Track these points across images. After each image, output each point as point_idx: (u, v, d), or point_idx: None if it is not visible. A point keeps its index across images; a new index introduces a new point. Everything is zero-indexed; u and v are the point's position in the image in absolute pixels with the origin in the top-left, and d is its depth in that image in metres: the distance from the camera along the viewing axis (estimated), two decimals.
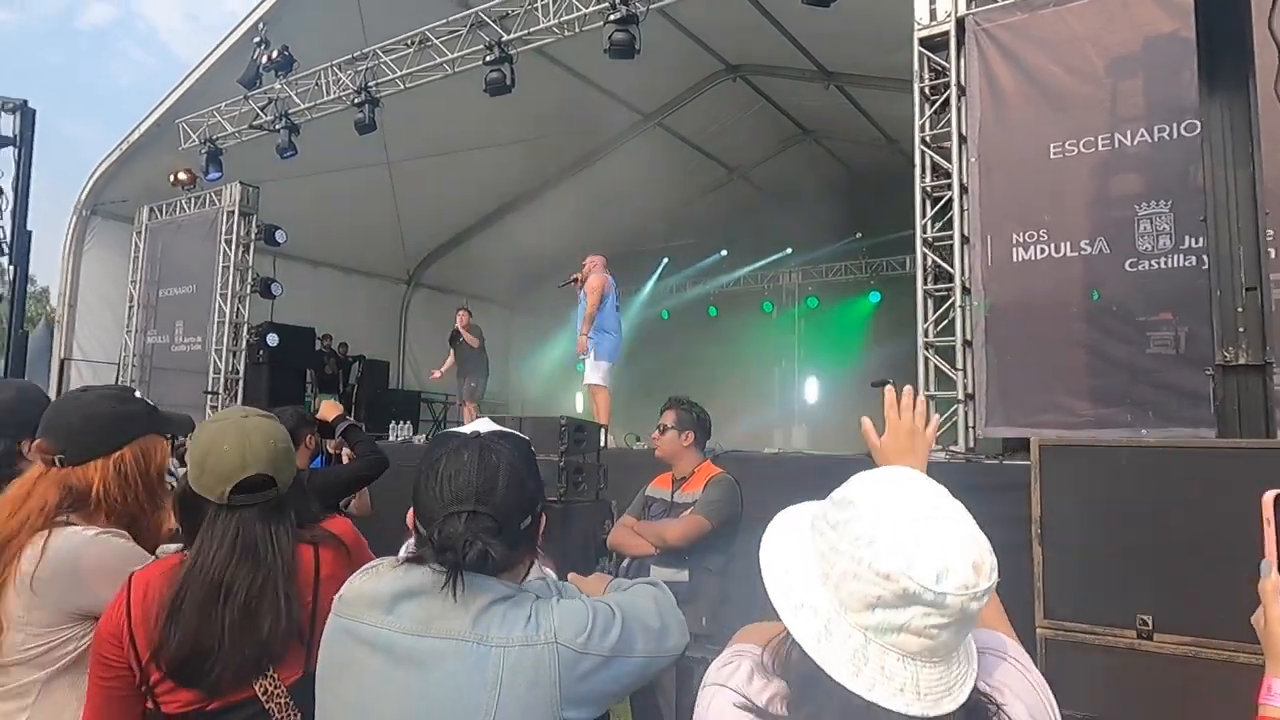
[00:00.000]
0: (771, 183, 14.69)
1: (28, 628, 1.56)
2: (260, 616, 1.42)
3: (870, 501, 0.88)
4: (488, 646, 1.15)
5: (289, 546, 1.49)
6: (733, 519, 3.17)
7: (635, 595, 1.32)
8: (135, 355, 11.12)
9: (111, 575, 1.56)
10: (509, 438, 1.30)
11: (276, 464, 1.53)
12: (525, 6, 7.18)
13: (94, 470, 1.67)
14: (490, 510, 1.19)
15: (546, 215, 14.27)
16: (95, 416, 1.71)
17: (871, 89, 11.27)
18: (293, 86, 8.88)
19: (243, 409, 1.64)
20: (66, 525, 1.62)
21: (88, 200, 11.46)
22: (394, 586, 1.22)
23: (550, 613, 1.20)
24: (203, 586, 1.42)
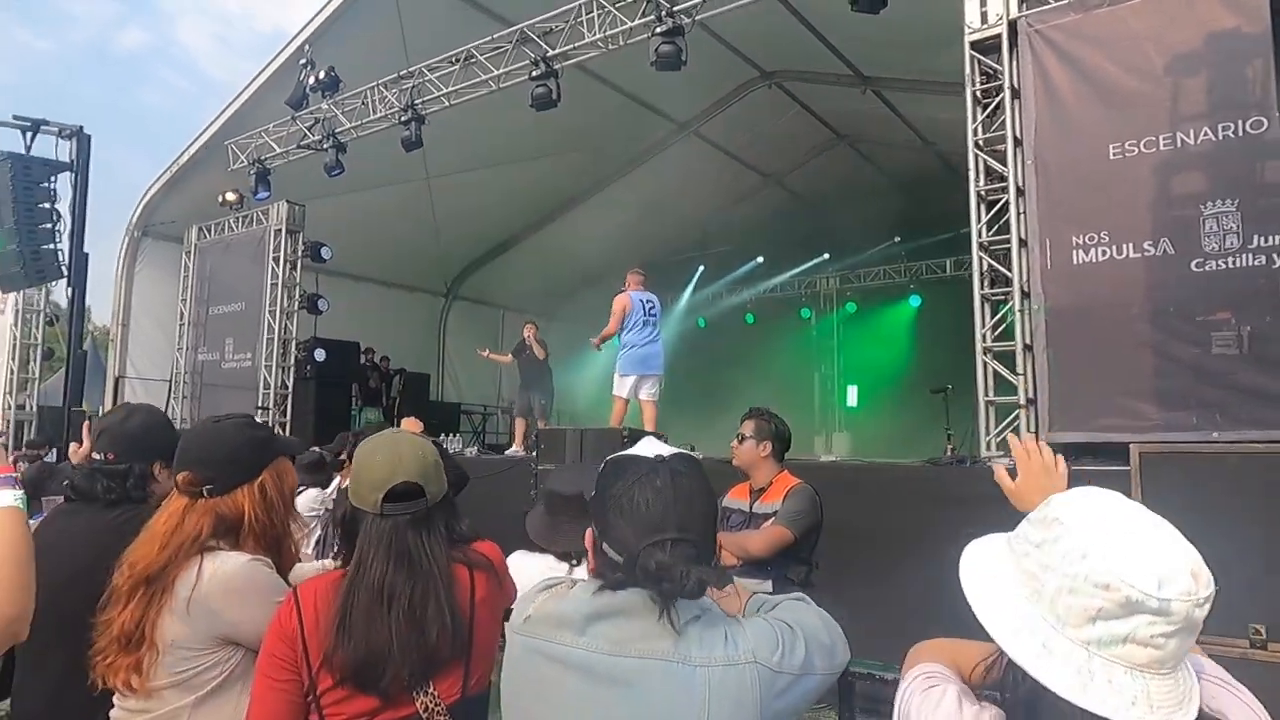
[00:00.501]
0: (807, 188, 14.66)
1: (179, 650, 1.61)
2: (427, 623, 1.46)
3: (1076, 517, 0.89)
4: (692, 666, 1.16)
5: (443, 557, 1.53)
6: (814, 529, 3.17)
7: (802, 613, 1.34)
8: (186, 372, 11.34)
9: (261, 600, 1.62)
10: (691, 461, 1.32)
11: (426, 474, 1.57)
12: (569, 22, 7.26)
13: (242, 497, 1.72)
14: (692, 537, 1.22)
15: (582, 226, 14.38)
16: (237, 445, 1.76)
17: (909, 92, 11.21)
18: (339, 106, 9.03)
19: (393, 429, 1.69)
20: (218, 550, 1.67)
21: (139, 222, 11.75)
22: (585, 608, 1.24)
23: (744, 632, 1.22)
24: (367, 593, 1.47)
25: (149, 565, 1.63)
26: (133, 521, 1.86)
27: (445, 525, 1.59)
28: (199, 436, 1.80)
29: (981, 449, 5.40)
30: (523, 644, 1.29)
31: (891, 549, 4.30)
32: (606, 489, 1.28)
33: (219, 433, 1.79)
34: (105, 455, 1.94)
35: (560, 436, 5.38)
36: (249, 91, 10.33)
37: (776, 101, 12.40)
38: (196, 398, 11.16)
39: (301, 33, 9.54)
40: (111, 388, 11.67)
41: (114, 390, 11.62)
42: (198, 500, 1.70)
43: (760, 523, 3.18)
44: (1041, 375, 5.24)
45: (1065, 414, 5.23)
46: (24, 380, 12.60)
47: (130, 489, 1.93)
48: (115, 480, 1.92)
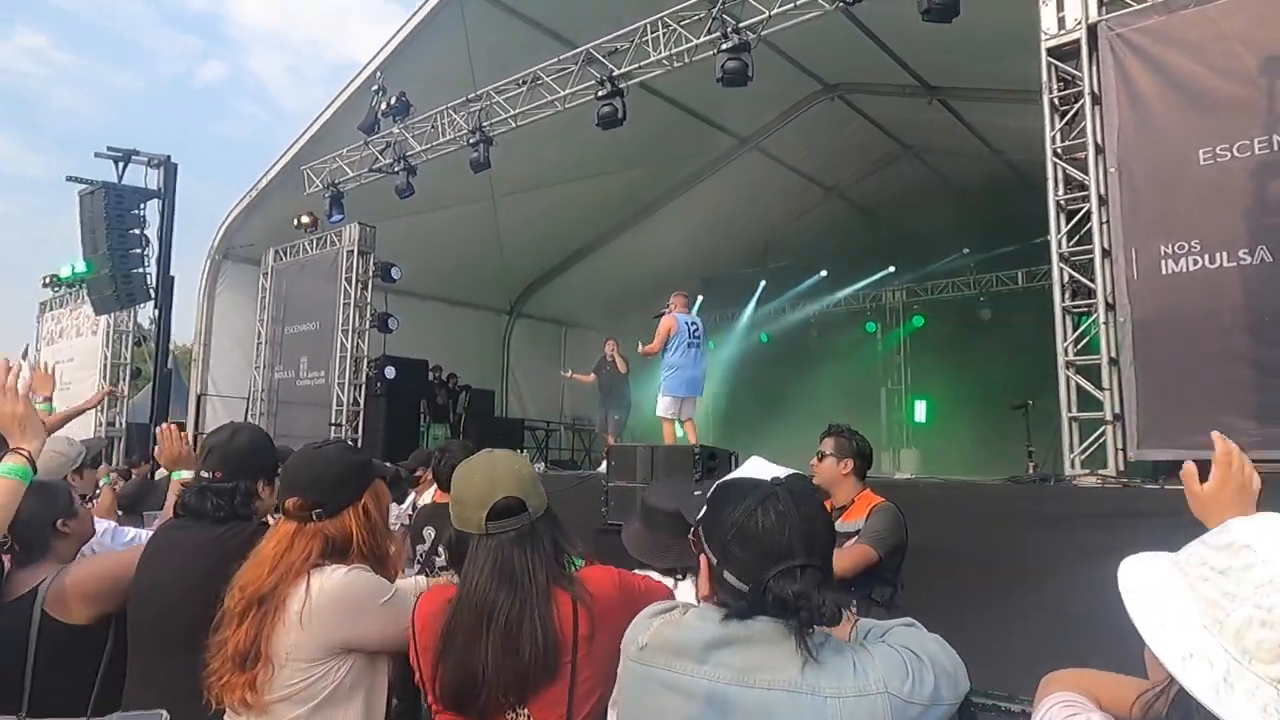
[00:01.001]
0: (871, 201, 14.47)
1: (294, 663, 1.66)
2: (521, 641, 1.47)
3: (1272, 545, 0.84)
4: (822, 697, 1.14)
5: (543, 575, 1.53)
6: (899, 548, 3.09)
7: (924, 640, 1.29)
8: (264, 390, 11.72)
9: (367, 605, 1.67)
10: (807, 482, 1.30)
11: (524, 488, 1.59)
12: (634, 41, 7.33)
13: (349, 519, 1.77)
14: (818, 562, 1.20)
15: (644, 242, 14.44)
16: (342, 470, 1.82)
17: (977, 101, 10.99)
18: (409, 130, 9.28)
19: (490, 450, 1.71)
20: (324, 566, 1.72)
21: (219, 245, 12.25)
22: (705, 635, 1.22)
23: (872, 661, 1.19)
24: (470, 613, 1.50)
25: (259, 587, 1.68)
26: (238, 538, 1.92)
27: (552, 541, 1.60)
28: (305, 462, 1.85)
29: (1066, 466, 5.21)
30: (639, 672, 1.28)
31: (977, 570, 4.16)
32: (722, 514, 1.25)
33: (324, 458, 1.84)
34: (213, 473, 2.01)
35: (631, 453, 5.38)
36: (324, 118, 10.70)
37: (839, 114, 12.29)
38: (273, 415, 11.52)
39: (373, 60, 9.86)
40: (194, 405, 12.14)
41: (196, 408, 12.09)
42: (306, 524, 1.75)
43: (843, 541, 3.11)
44: (1129, 390, 5.03)
45: (1155, 430, 5.01)
46: (113, 398, 13.20)
47: (237, 506, 2.00)
48: (223, 498, 1.99)
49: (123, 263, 9.99)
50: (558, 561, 1.59)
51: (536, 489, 1.63)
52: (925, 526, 3.88)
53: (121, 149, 9.97)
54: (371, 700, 1.71)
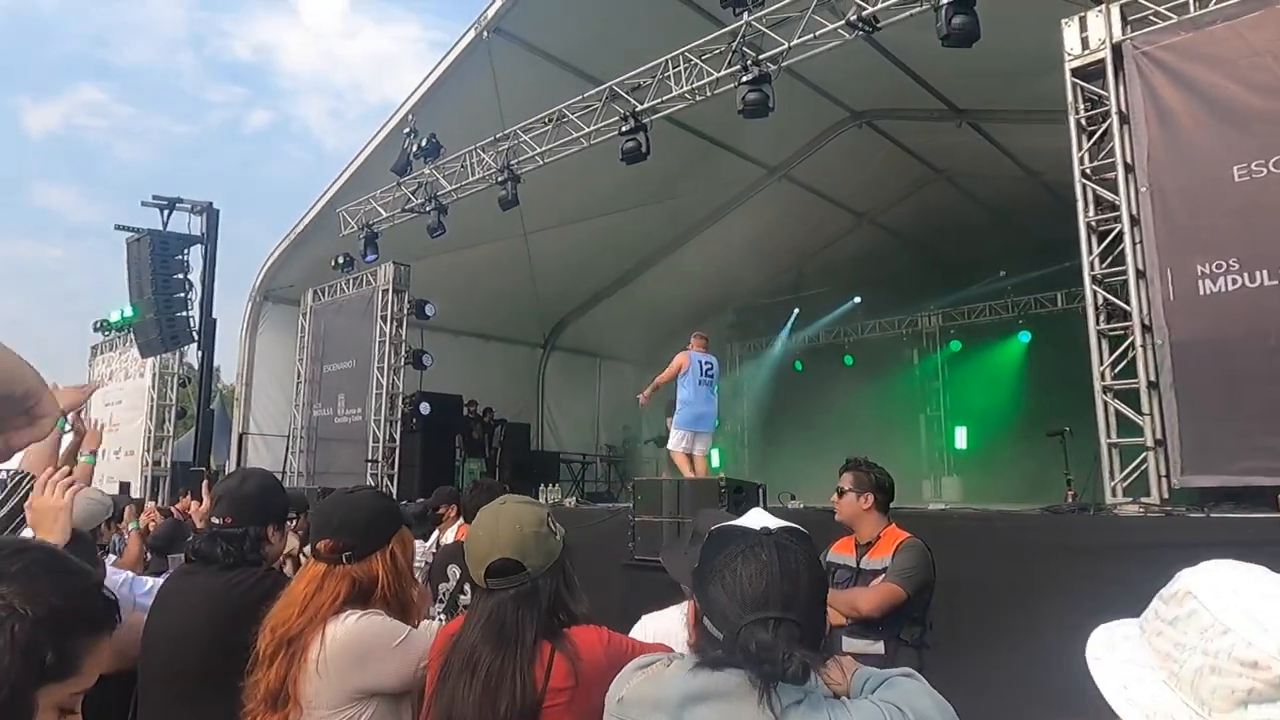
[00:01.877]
0: (903, 226, 14.34)
1: (317, 710, 1.68)
2: (499, 695, 1.46)
3: (1209, 589, 0.80)
4: None
5: (532, 634, 1.52)
6: (927, 586, 3.00)
7: (915, 694, 1.25)
8: (303, 428, 11.93)
9: (380, 650, 1.68)
10: (800, 535, 1.26)
11: (523, 549, 1.58)
12: (657, 76, 7.41)
13: (376, 564, 1.79)
14: (796, 617, 1.16)
15: (676, 273, 14.49)
16: (373, 515, 1.85)
17: (1008, 123, 10.88)
18: (440, 170, 9.47)
19: (506, 496, 1.72)
20: (342, 613, 1.74)
21: (260, 287, 12.56)
22: (680, 690, 1.19)
23: (850, 717, 1.14)
24: (459, 661, 1.52)
25: (289, 628, 1.71)
26: (245, 584, 1.94)
27: (551, 599, 1.59)
28: (336, 506, 1.88)
29: (1106, 495, 5.04)
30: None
31: (1012, 604, 4.03)
32: (709, 560, 1.23)
33: (356, 503, 1.88)
34: (224, 519, 2.04)
35: (657, 488, 5.34)
36: (358, 161, 10.97)
37: (868, 140, 12.26)
38: (312, 452, 11.70)
39: (404, 105, 10.10)
40: (236, 444, 12.39)
41: (238, 446, 12.33)
42: (336, 567, 1.77)
43: (869, 579, 3.04)
44: (1170, 414, 4.87)
45: (1199, 456, 4.84)
46: (159, 439, 13.55)
47: (246, 552, 2.02)
48: (233, 544, 2.01)
49: (167, 307, 10.31)
50: (555, 619, 1.58)
51: (538, 547, 1.61)
52: (958, 560, 3.77)
53: (167, 197, 10.35)
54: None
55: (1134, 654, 0.86)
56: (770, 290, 16.03)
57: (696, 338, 7.86)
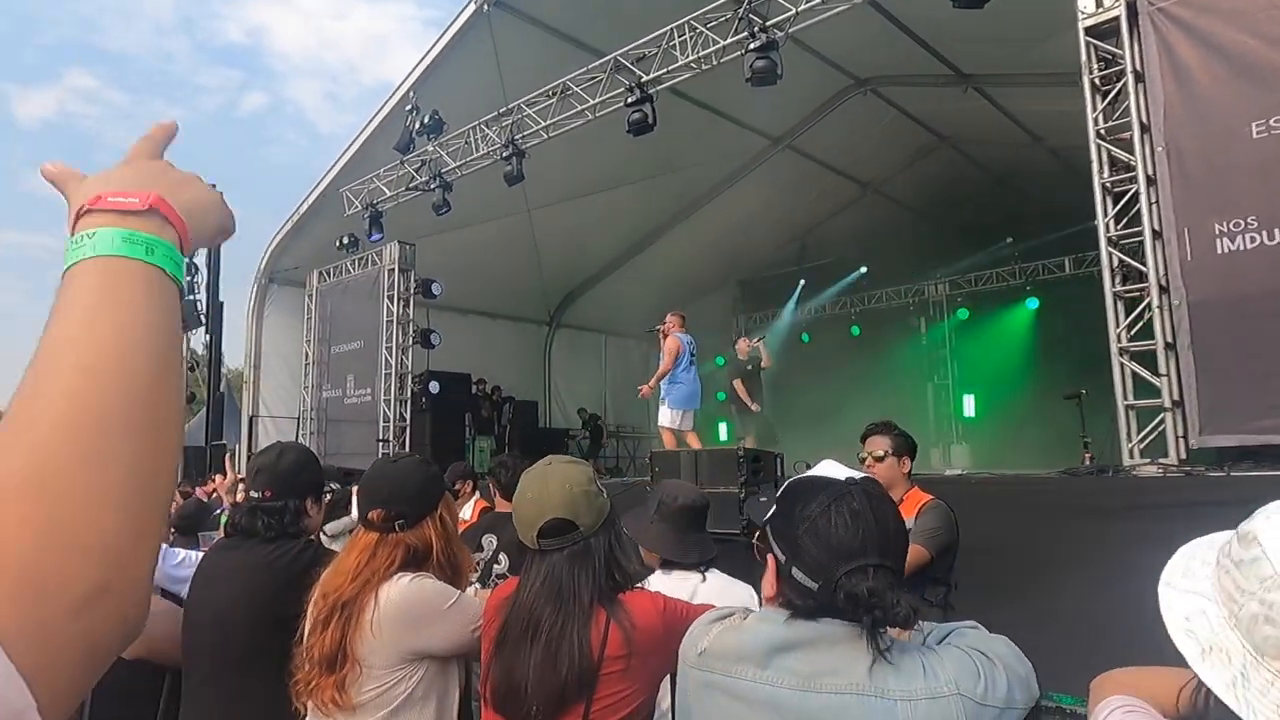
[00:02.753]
0: (909, 194, 14.25)
1: (371, 670, 1.69)
2: (560, 658, 1.47)
3: (1275, 540, 0.78)
4: (891, 700, 1.11)
5: (588, 595, 1.52)
6: (951, 547, 3.01)
7: (991, 642, 1.25)
8: (313, 409, 11.95)
9: (431, 612, 1.70)
10: (879, 485, 1.27)
11: (574, 508, 1.58)
12: (662, 46, 7.33)
13: (428, 529, 1.81)
14: (891, 563, 1.17)
15: (680, 247, 14.43)
16: (421, 481, 1.86)
17: (1014, 87, 10.76)
18: (444, 147, 9.40)
19: (550, 456, 1.72)
20: (393, 576, 1.75)
21: (265, 269, 12.52)
22: (768, 639, 1.20)
23: (942, 663, 1.15)
24: (518, 624, 1.53)
25: (341, 594, 1.73)
26: (287, 556, 1.95)
27: (605, 559, 1.59)
28: (384, 476, 1.89)
29: (1124, 456, 5.05)
30: (698, 678, 1.26)
31: (1033, 567, 4.04)
32: (795, 511, 1.22)
33: (402, 471, 1.89)
34: (263, 492, 2.04)
35: (674, 458, 5.35)
36: (360, 140, 10.88)
37: (872, 108, 12.14)
38: (322, 433, 11.73)
39: (406, 81, 10.00)
40: (246, 427, 12.41)
41: (249, 429, 12.36)
42: (389, 535, 1.78)
43: None
44: (1188, 375, 4.86)
45: (1217, 416, 4.83)
46: None
47: (287, 524, 2.03)
48: (273, 516, 2.02)
49: None
50: (611, 579, 1.58)
51: (590, 505, 1.61)
52: (978, 523, 3.79)
53: None
54: (444, 707, 1.74)
55: (1203, 585, 0.85)
56: (775, 262, 15.97)
57: (675, 317, 8.07)
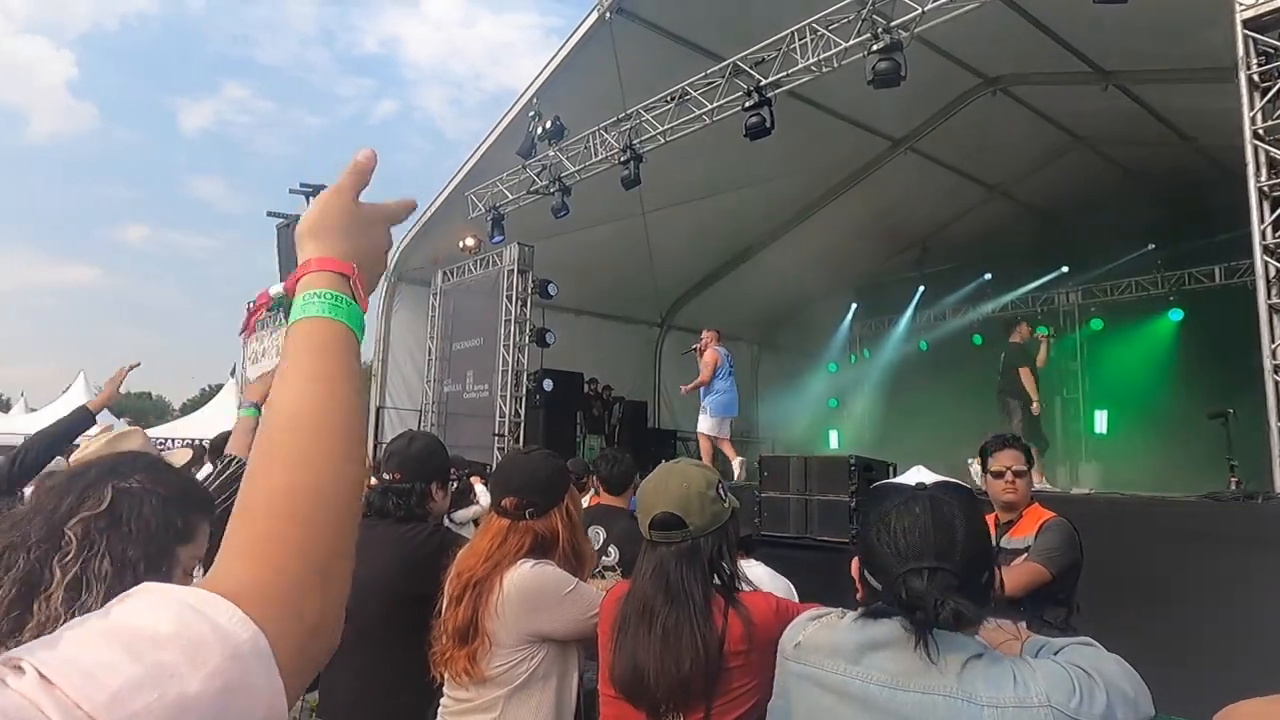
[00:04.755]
0: (1039, 197, 13.57)
1: (497, 649, 1.82)
2: (681, 651, 1.52)
3: None
4: (979, 705, 1.12)
5: (700, 593, 1.58)
6: (1074, 568, 2.89)
7: (1099, 659, 1.23)
8: (434, 403, 12.54)
9: (551, 597, 1.81)
10: (958, 489, 1.28)
11: (686, 506, 1.64)
12: (781, 49, 7.29)
13: (555, 519, 1.93)
14: (952, 567, 1.19)
15: (794, 251, 14.25)
16: (551, 473, 1.99)
17: (1161, 84, 10.08)
18: (564, 152, 9.67)
19: (680, 458, 1.81)
20: (519, 561, 1.87)
21: (394, 269, 13.21)
22: (857, 637, 1.24)
23: (1034, 674, 1.15)
24: (635, 610, 1.61)
25: (474, 573, 1.87)
26: (420, 537, 2.10)
27: (712, 560, 1.64)
28: (517, 466, 2.03)
29: (1276, 482, 4.66)
30: (794, 670, 1.31)
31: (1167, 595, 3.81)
32: (868, 515, 1.28)
33: (534, 462, 2.02)
34: (393, 475, 2.20)
35: (784, 464, 5.32)
36: (484, 146, 11.33)
37: (1001, 108, 11.62)
38: (442, 425, 12.28)
39: (529, 88, 10.34)
40: (374, 417, 13.13)
41: (375, 420, 13.07)
42: (519, 522, 1.91)
43: (1010, 559, 2.94)
44: None
45: None
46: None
47: (414, 506, 2.18)
48: (402, 498, 2.18)
49: None
50: (720, 579, 1.63)
51: (704, 508, 1.66)
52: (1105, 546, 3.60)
53: (312, 184, 10.92)
54: (563, 688, 1.85)
55: None
56: (893, 267, 15.54)
57: (711, 333, 8.82)
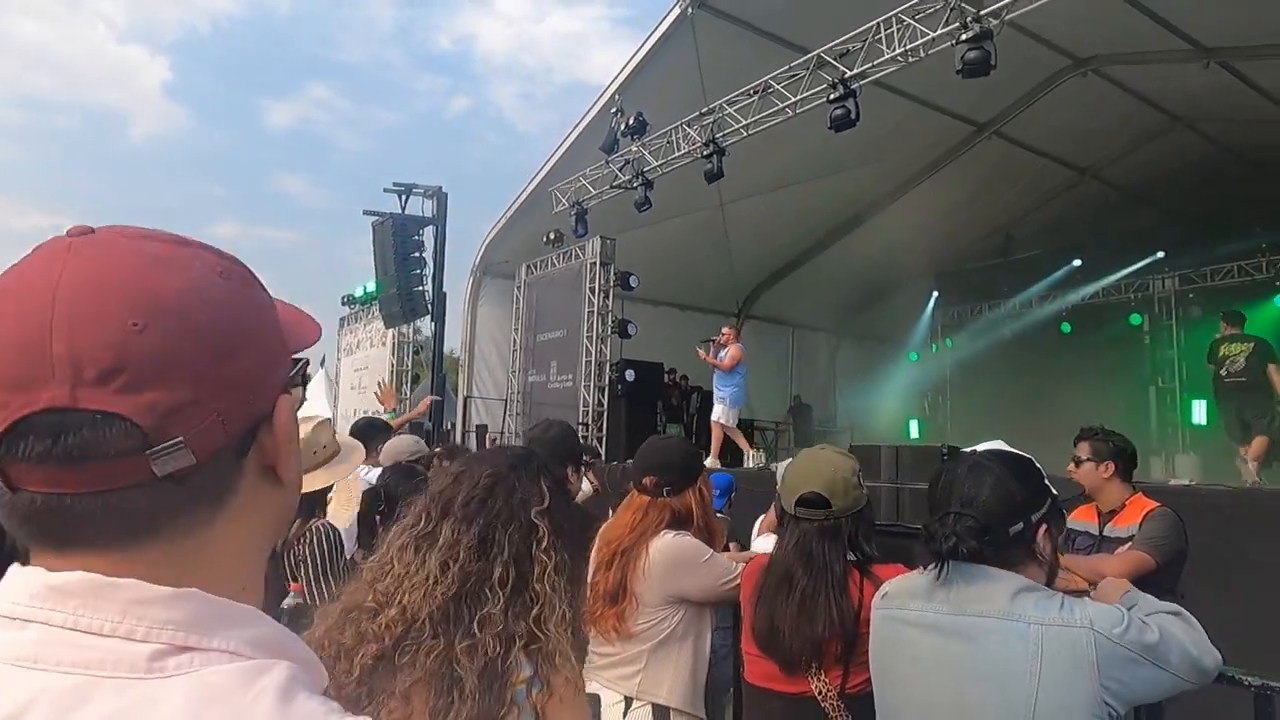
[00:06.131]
0: (1133, 180, 13.12)
1: (643, 608, 2.06)
2: (815, 615, 1.71)
3: None
4: (1026, 623, 1.34)
5: (839, 565, 1.77)
6: (1179, 557, 2.94)
7: (1166, 618, 1.43)
8: (519, 392, 12.94)
9: (691, 562, 2.05)
10: (1003, 455, 1.50)
11: (832, 488, 1.83)
12: (867, 40, 7.30)
13: (690, 497, 2.16)
14: (974, 513, 1.41)
15: (874, 239, 14.15)
16: (685, 457, 2.22)
17: (1266, 59, 9.65)
18: (646, 147, 9.86)
19: (824, 444, 2.01)
20: (662, 532, 2.09)
21: (480, 263, 13.67)
22: (928, 580, 1.49)
23: (1084, 605, 1.36)
24: (774, 576, 1.82)
25: (622, 542, 2.12)
26: None
27: (852, 538, 1.83)
28: (656, 450, 2.27)
29: None
30: (883, 615, 1.57)
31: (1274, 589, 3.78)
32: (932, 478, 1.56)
33: (671, 446, 2.27)
34: None
35: (875, 453, 5.42)
36: (568, 142, 11.61)
37: (1092, 89, 11.28)
38: (527, 414, 12.66)
39: (611, 84, 10.56)
40: (461, 406, 13.64)
41: (463, 409, 13.57)
42: (657, 499, 2.12)
43: (1113, 547, 3.02)
44: None
45: None
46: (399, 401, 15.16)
47: None
48: None
49: (407, 282, 11.51)
50: (858, 555, 1.82)
51: (846, 491, 1.86)
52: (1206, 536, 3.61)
53: (404, 183, 11.51)
54: (699, 645, 2.07)
55: None
56: (977, 254, 15.26)
57: (731, 330, 9.34)
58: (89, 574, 0.51)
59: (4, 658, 0.50)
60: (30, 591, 0.52)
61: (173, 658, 0.50)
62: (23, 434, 0.49)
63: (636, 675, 2.03)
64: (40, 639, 0.50)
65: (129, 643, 0.50)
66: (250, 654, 0.52)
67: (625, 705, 2.03)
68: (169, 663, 0.50)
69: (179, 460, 0.51)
